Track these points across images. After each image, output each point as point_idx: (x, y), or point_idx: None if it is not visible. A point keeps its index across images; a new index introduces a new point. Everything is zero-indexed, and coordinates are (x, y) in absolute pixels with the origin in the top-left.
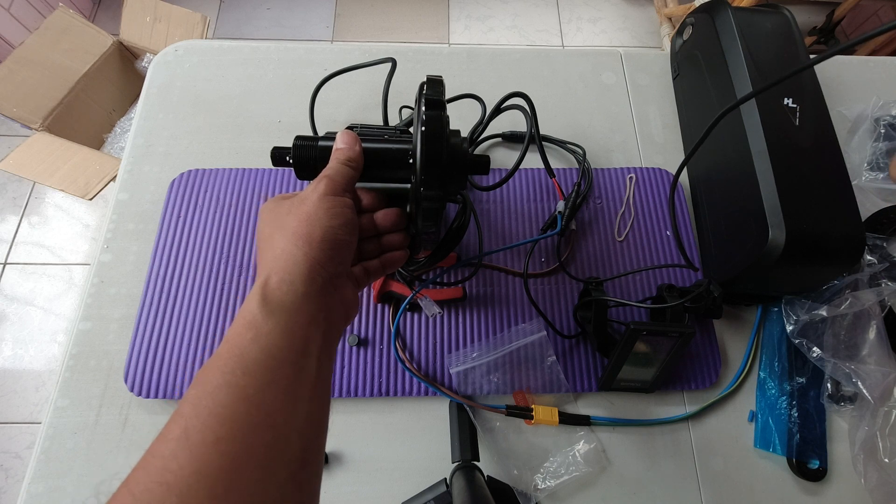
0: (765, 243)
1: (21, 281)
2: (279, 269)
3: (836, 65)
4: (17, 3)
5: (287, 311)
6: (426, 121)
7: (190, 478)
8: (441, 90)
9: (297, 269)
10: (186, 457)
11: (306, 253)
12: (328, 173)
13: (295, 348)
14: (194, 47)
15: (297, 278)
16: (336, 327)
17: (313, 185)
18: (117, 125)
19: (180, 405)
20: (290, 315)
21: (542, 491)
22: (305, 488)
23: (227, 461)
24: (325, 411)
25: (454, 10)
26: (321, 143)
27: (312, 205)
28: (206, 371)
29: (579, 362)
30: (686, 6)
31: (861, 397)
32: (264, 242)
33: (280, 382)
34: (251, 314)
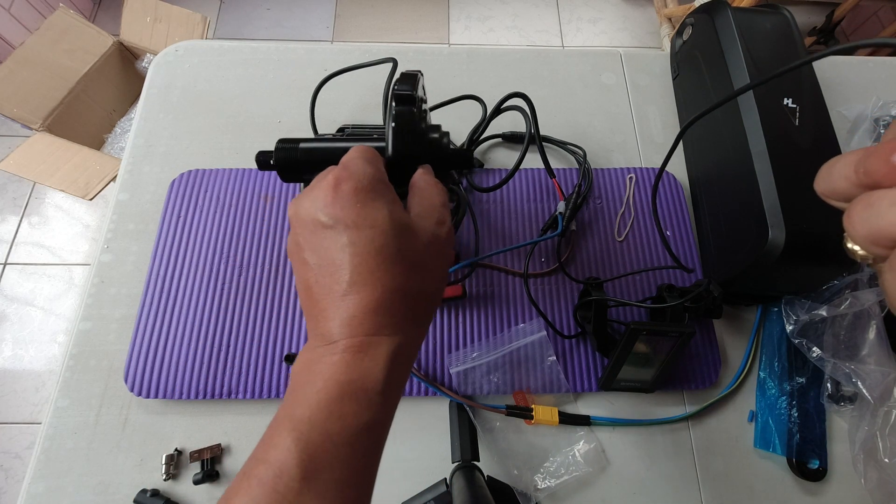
0: (765, 243)
1: (21, 281)
2: (413, 341)
3: (836, 65)
4: (17, 3)
5: (398, 397)
6: (395, 116)
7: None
8: (413, 84)
9: (418, 345)
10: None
11: (427, 325)
12: (451, 219)
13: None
14: (194, 48)
15: (415, 358)
16: None
17: (439, 227)
18: (117, 125)
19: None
20: (397, 400)
21: (542, 491)
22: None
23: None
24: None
25: (454, 11)
26: (302, 145)
27: (443, 263)
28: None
29: (579, 362)
30: (686, 6)
31: (861, 397)
32: (396, 273)
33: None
34: (374, 385)
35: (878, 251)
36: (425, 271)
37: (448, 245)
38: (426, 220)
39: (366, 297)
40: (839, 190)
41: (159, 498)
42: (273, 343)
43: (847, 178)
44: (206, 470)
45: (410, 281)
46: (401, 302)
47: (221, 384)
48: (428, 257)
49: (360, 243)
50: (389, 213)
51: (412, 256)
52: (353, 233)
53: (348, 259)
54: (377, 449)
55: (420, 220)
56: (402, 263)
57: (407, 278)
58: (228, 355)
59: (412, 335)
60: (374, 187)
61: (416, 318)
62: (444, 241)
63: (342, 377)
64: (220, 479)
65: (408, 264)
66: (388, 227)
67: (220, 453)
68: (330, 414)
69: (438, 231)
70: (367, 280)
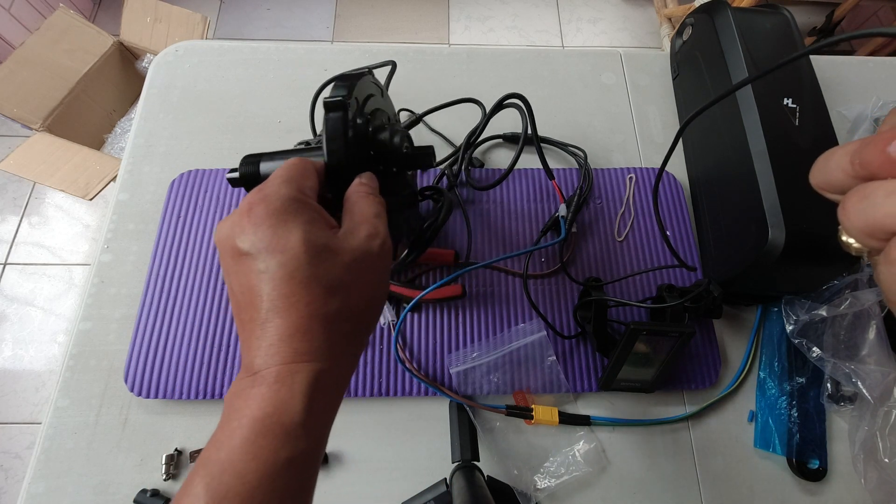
0: (765, 243)
1: (21, 281)
2: (338, 365)
3: (836, 65)
4: (17, 3)
5: (327, 425)
6: (325, 123)
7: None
8: (348, 87)
9: (348, 369)
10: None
11: (361, 347)
12: (387, 228)
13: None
14: (194, 48)
15: (346, 382)
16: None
17: (372, 240)
18: (117, 125)
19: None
20: (327, 429)
21: (542, 491)
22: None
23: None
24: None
25: (454, 11)
26: (263, 161)
27: (378, 279)
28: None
29: (579, 362)
30: (686, 7)
31: (861, 397)
32: (312, 298)
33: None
34: (291, 417)
35: (873, 243)
36: (349, 291)
37: (382, 258)
38: (354, 236)
39: (281, 324)
40: (835, 182)
41: (159, 498)
42: None
43: (843, 169)
44: None
45: (330, 304)
46: (320, 327)
47: (221, 384)
48: (353, 276)
49: (272, 269)
50: (303, 234)
51: (330, 278)
52: (266, 258)
53: (263, 286)
54: (304, 486)
55: (348, 236)
56: (318, 286)
57: (325, 302)
58: (228, 355)
59: (338, 360)
60: (287, 209)
61: (342, 341)
62: (377, 255)
63: (258, 412)
64: None
65: (325, 287)
66: (300, 250)
67: None
68: (244, 454)
69: (369, 246)
70: (281, 307)
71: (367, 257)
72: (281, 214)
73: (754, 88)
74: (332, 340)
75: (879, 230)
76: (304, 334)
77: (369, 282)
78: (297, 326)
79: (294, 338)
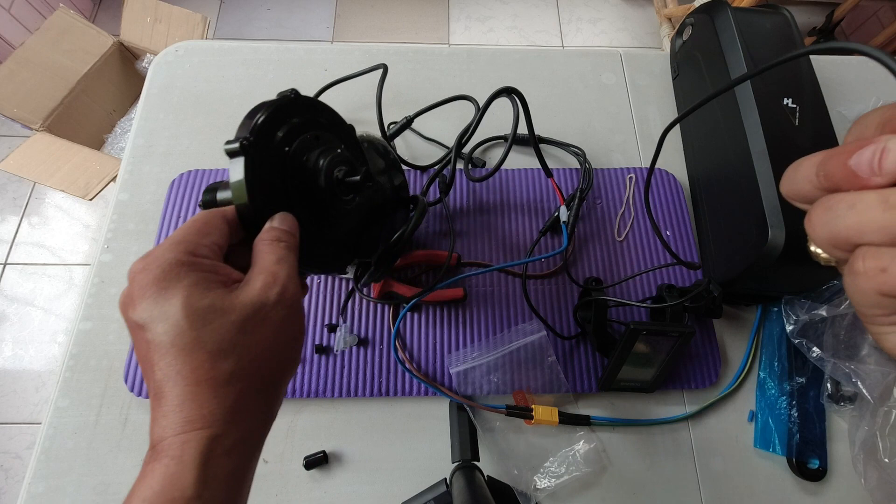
0: (765, 243)
1: (21, 281)
2: (237, 427)
3: (836, 65)
4: (17, 3)
5: (234, 489)
6: (229, 169)
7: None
8: (247, 128)
9: (252, 430)
10: None
11: (268, 404)
12: (289, 274)
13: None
14: (195, 48)
15: (256, 439)
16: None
17: (269, 289)
18: (117, 125)
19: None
20: (234, 492)
21: (542, 491)
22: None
23: None
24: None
25: (454, 11)
26: (219, 191)
27: (278, 330)
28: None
29: (579, 362)
30: (686, 7)
31: (861, 397)
32: (198, 364)
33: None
34: (182, 491)
35: (839, 254)
36: (243, 350)
37: (282, 307)
38: (249, 289)
39: (171, 394)
40: (802, 192)
41: None
42: None
43: (809, 180)
44: None
45: (219, 367)
46: (210, 392)
47: None
48: (245, 333)
49: (157, 339)
50: (183, 300)
51: (217, 340)
52: (152, 328)
53: (153, 357)
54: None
55: (243, 289)
56: (201, 352)
57: (213, 366)
58: None
59: (238, 422)
60: (167, 275)
61: (241, 402)
62: (273, 306)
63: (147, 492)
64: None
65: (210, 351)
66: (180, 316)
67: None
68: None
69: (264, 297)
70: (170, 377)
71: (261, 310)
72: (161, 282)
73: (754, 88)
74: (227, 404)
75: (843, 242)
76: (192, 402)
77: (268, 336)
78: (185, 395)
79: (183, 407)
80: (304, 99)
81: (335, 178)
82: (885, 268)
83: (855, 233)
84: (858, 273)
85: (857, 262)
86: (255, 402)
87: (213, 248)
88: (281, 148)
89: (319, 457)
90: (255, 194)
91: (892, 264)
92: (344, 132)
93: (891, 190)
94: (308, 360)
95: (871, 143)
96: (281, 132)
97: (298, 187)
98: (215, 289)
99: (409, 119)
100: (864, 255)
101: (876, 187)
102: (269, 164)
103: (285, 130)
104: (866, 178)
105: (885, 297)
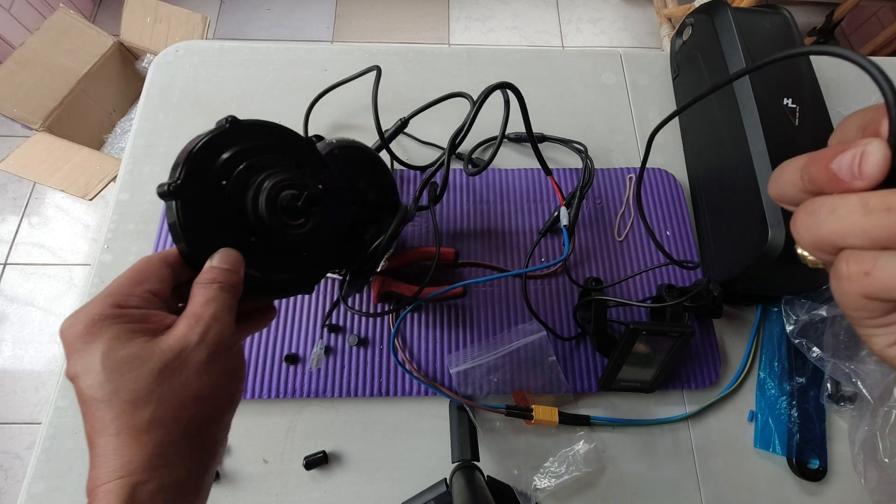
0: (765, 243)
1: (21, 281)
2: (162, 473)
3: (836, 65)
4: (17, 3)
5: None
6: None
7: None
8: (178, 168)
9: (183, 473)
10: None
11: (195, 449)
12: (215, 313)
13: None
14: (195, 48)
15: (191, 482)
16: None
17: (191, 331)
18: (118, 125)
19: None
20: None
21: (542, 491)
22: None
23: None
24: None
25: (454, 11)
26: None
27: (201, 373)
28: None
29: (579, 362)
30: (686, 7)
31: (861, 397)
32: (117, 414)
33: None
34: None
35: (824, 257)
36: (162, 397)
37: (204, 349)
38: (172, 334)
39: (97, 446)
40: (788, 195)
41: None
42: (273, 343)
43: (794, 184)
44: None
45: (137, 416)
46: (131, 440)
47: None
48: (163, 380)
49: (82, 392)
50: (103, 353)
51: (134, 389)
52: (80, 382)
53: (84, 409)
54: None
55: (168, 335)
56: (119, 402)
57: (132, 415)
58: None
59: (162, 468)
60: (91, 329)
61: (165, 448)
62: (194, 348)
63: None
64: (219, 479)
65: (128, 400)
66: (98, 368)
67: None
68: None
69: (185, 341)
70: (96, 428)
71: (180, 354)
72: (84, 336)
73: (754, 88)
74: (148, 451)
75: (827, 245)
76: (114, 452)
77: (190, 379)
78: (107, 445)
79: (107, 457)
80: (244, 124)
81: (281, 204)
82: (868, 271)
83: (838, 237)
84: (842, 277)
85: (841, 265)
86: (180, 447)
87: (146, 296)
88: (217, 182)
89: (319, 457)
90: (190, 236)
91: (875, 267)
92: (300, 149)
93: (871, 193)
94: (308, 360)
95: (851, 146)
96: (216, 165)
97: (240, 220)
98: (138, 338)
99: (404, 121)
100: (847, 259)
101: (857, 191)
102: (206, 202)
103: (221, 162)
104: (848, 181)
105: (870, 300)
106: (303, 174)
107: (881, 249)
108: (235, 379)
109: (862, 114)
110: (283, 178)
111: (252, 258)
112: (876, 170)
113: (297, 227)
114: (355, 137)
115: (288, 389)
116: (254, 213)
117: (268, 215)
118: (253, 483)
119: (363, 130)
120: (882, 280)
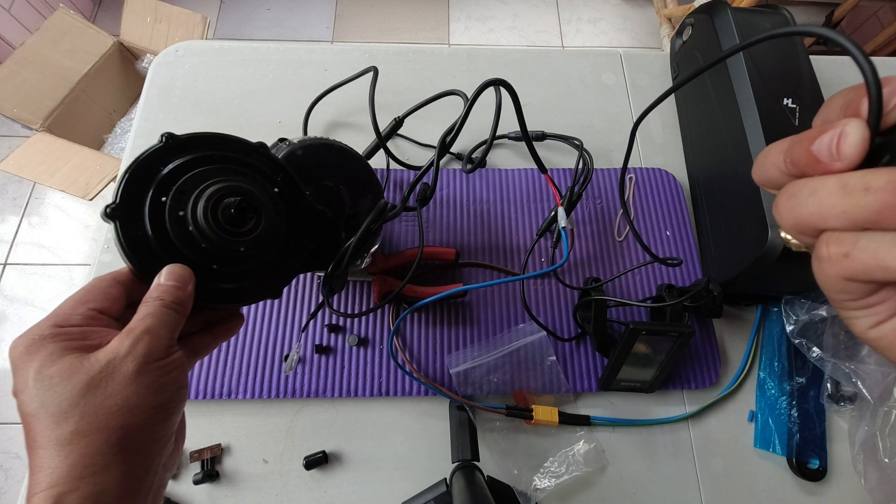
0: (765, 243)
1: (21, 281)
2: (87, 482)
3: (836, 65)
4: (17, 3)
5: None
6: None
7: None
8: (119, 191)
9: (110, 482)
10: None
11: (124, 458)
12: (148, 327)
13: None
14: (194, 48)
15: (121, 491)
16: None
17: (121, 344)
18: (118, 126)
19: None
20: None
21: (542, 491)
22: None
23: None
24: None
25: (454, 11)
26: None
27: (128, 384)
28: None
29: (579, 362)
30: (686, 7)
31: (861, 397)
32: (43, 427)
33: None
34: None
35: (806, 240)
36: (84, 408)
37: (132, 359)
38: (104, 349)
39: (30, 459)
40: (772, 179)
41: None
42: (273, 343)
43: (777, 167)
44: (206, 470)
45: (61, 428)
46: (55, 452)
47: (221, 384)
48: (89, 392)
49: (20, 408)
50: (35, 370)
51: (58, 402)
52: (17, 399)
53: (22, 424)
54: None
55: (102, 349)
56: (45, 415)
57: (56, 427)
58: (228, 355)
59: (84, 477)
60: (30, 349)
61: (85, 458)
62: (122, 360)
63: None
64: (219, 479)
65: (52, 413)
66: (32, 385)
67: (220, 453)
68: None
69: (114, 352)
70: (28, 444)
71: (108, 366)
72: (24, 356)
73: (754, 89)
74: (71, 462)
75: (808, 228)
76: (40, 464)
77: (116, 389)
78: (37, 458)
79: (35, 470)
80: (182, 139)
81: (222, 211)
82: (848, 253)
83: (818, 218)
84: (823, 259)
85: (822, 247)
86: (105, 455)
87: (90, 314)
88: (157, 199)
89: (319, 457)
90: (134, 255)
91: (855, 249)
92: (251, 154)
93: (849, 174)
94: (308, 360)
95: (831, 127)
96: (155, 182)
97: (186, 233)
98: (69, 354)
99: (399, 120)
100: (827, 241)
101: (837, 172)
102: (147, 220)
103: (159, 179)
104: (827, 163)
105: (850, 282)
106: (248, 180)
107: (861, 230)
108: (170, 390)
109: (844, 93)
110: (222, 187)
111: (205, 269)
112: (854, 150)
113: (245, 233)
114: (354, 137)
115: (288, 389)
116: (197, 224)
117: (211, 224)
118: (253, 483)
119: (362, 130)
120: (861, 262)
